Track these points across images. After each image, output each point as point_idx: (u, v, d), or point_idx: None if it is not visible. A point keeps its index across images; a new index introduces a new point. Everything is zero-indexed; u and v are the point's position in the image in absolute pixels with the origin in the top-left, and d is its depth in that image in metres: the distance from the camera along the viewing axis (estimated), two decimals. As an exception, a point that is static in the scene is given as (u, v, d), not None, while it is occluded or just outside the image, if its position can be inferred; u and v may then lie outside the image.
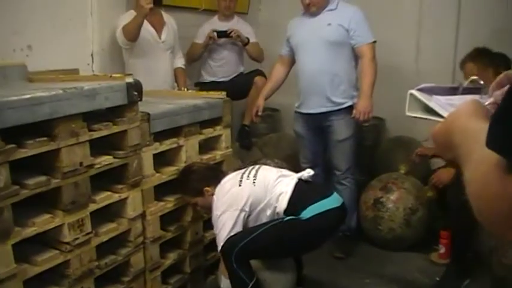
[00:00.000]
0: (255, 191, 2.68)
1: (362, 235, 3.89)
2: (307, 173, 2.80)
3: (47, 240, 2.14)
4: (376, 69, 3.54)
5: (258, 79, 4.34)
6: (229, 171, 3.00)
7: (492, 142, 0.60)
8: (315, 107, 3.65)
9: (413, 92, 1.10)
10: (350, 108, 3.57)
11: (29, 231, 1.99)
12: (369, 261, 3.65)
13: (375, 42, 3.57)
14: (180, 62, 4.11)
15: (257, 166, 2.88)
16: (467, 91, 1.06)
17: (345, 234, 3.72)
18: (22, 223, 1.99)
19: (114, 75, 2.49)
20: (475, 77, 1.18)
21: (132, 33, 3.54)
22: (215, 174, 2.89)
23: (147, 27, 3.67)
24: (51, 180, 2.05)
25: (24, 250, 2.02)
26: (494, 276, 3.03)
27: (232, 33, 4.37)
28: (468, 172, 0.66)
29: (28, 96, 1.90)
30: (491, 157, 0.60)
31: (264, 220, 2.68)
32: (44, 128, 2.01)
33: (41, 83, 2.52)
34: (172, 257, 2.86)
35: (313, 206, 2.61)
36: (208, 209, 2.78)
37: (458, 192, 3.07)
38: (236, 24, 4.58)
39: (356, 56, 3.61)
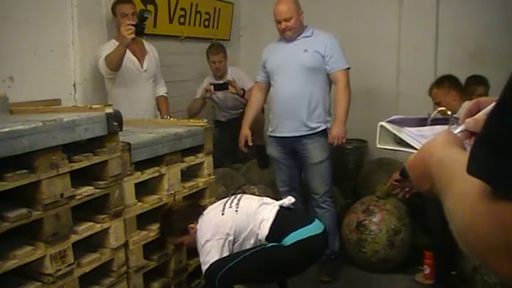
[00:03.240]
0: (238, 219, 2.69)
1: (346, 258, 3.89)
2: (288, 200, 2.83)
3: (29, 272, 2.13)
4: (350, 95, 3.62)
5: None
6: (209, 205, 3.00)
7: (476, 169, 0.56)
8: (289, 131, 3.68)
9: (384, 123, 1.11)
10: (323, 131, 3.63)
11: (11, 264, 1.98)
12: (354, 285, 3.65)
13: (348, 68, 3.65)
14: (162, 90, 4.13)
15: (239, 195, 2.89)
16: (435, 122, 1.07)
17: (330, 258, 3.73)
18: (3, 256, 1.98)
19: (94, 106, 2.50)
20: (442, 108, 1.21)
21: (115, 63, 3.54)
22: (196, 210, 2.88)
23: (129, 56, 3.68)
24: (32, 212, 2.05)
25: (6, 283, 2.02)
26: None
27: (229, 87, 4.50)
28: (450, 204, 0.62)
29: (7, 129, 1.91)
30: (474, 187, 0.56)
31: (248, 247, 2.69)
32: (24, 161, 2.01)
33: (21, 115, 2.54)
34: (156, 286, 2.84)
35: (295, 232, 2.63)
36: (196, 245, 2.78)
37: (437, 202, 3.13)
38: (230, 78, 4.70)
39: (330, 82, 3.69)
